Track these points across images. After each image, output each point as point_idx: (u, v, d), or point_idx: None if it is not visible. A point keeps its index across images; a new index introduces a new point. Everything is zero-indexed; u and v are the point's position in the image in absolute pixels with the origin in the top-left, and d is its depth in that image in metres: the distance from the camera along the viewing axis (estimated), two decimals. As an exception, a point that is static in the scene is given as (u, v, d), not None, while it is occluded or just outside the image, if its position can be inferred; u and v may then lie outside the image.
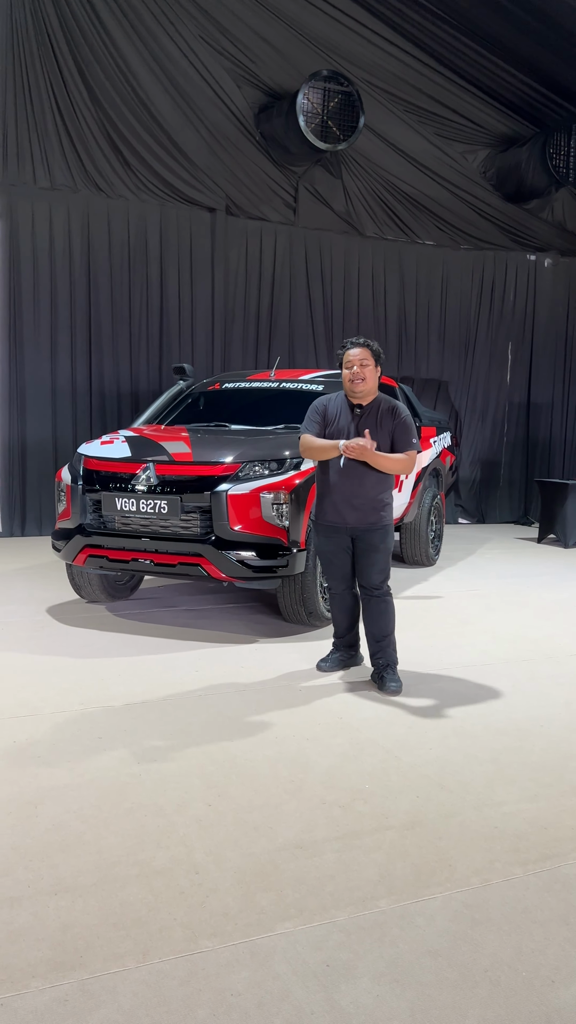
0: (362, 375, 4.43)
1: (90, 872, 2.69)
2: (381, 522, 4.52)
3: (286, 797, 3.24)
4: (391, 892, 2.62)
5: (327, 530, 4.62)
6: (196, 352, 10.46)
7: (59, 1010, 2.08)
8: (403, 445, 4.49)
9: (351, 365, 4.44)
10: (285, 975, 2.23)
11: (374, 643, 4.64)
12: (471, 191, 11.71)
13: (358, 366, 4.42)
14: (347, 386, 4.50)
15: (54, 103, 9.38)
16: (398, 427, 4.49)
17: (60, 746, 3.69)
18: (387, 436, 4.48)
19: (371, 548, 4.53)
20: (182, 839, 2.91)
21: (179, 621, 5.96)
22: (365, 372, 4.43)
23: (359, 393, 4.47)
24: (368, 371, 4.44)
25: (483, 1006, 2.13)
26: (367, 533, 4.51)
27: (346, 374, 4.47)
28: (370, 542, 4.52)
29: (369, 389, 4.48)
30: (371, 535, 4.51)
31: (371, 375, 4.45)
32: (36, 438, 9.72)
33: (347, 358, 4.47)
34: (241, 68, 10.19)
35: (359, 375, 4.43)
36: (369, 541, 4.52)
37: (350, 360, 4.45)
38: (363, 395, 4.49)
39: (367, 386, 4.46)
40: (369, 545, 4.53)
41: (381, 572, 4.57)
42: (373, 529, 4.51)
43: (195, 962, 2.27)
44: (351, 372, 4.44)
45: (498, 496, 12.55)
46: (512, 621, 6.24)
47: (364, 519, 4.49)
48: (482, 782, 3.42)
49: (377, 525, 4.51)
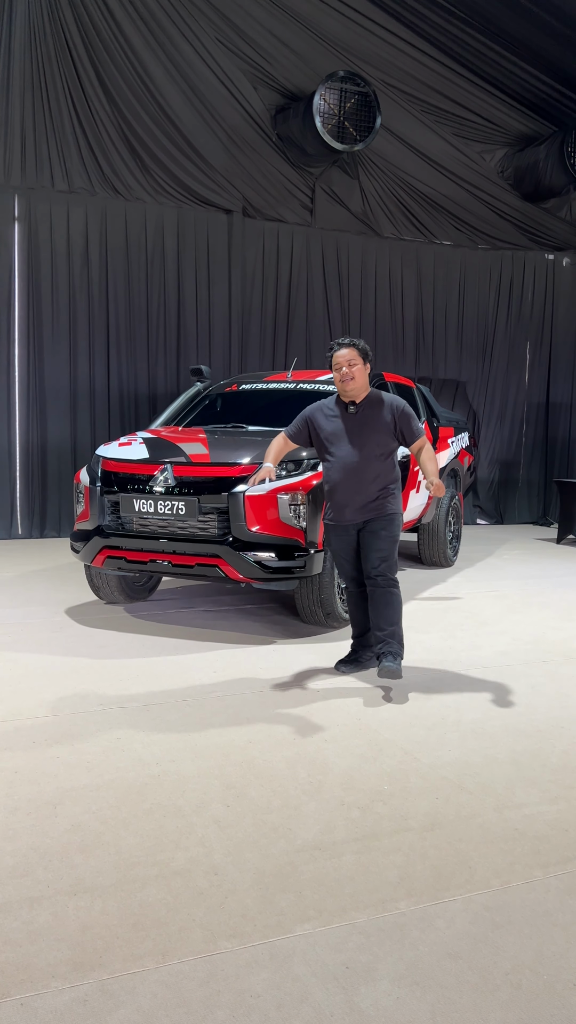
0: (351, 374, 4.49)
1: (109, 872, 2.69)
2: (384, 511, 4.58)
3: (305, 798, 3.23)
4: (411, 894, 2.60)
5: (335, 529, 4.69)
6: (213, 354, 10.49)
7: (79, 1010, 2.08)
8: (412, 436, 4.58)
9: (340, 366, 4.51)
10: (304, 977, 2.22)
11: (380, 633, 4.62)
12: (488, 191, 11.66)
13: (346, 367, 4.48)
14: (338, 386, 4.57)
15: (72, 106, 9.43)
16: (402, 420, 4.56)
17: (79, 747, 3.70)
18: (389, 431, 4.55)
19: (371, 534, 4.59)
20: (201, 840, 2.90)
21: (197, 622, 5.97)
22: (354, 371, 4.49)
23: (351, 392, 4.54)
24: (357, 370, 4.50)
25: (504, 1009, 2.11)
26: (369, 523, 4.59)
27: (336, 375, 4.54)
28: (371, 529, 4.59)
29: (360, 387, 4.54)
30: (373, 523, 4.58)
31: (360, 373, 4.51)
32: (55, 440, 9.78)
33: (335, 360, 4.53)
34: (257, 69, 10.21)
35: (348, 375, 4.49)
36: (370, 528, 4.59)
37: (338, 362, 4.52)
38: (355, 393, 4.55)
39: (357, 384, 4.52)
40: (370, 532, 4.59)
41: (382, 557, 4.58)
42: (376, 518, 4.57)
43: (214, 963, 2.27)
44: (340, 373, 4.50)
45: (517, 497, 12.49)
46: (531, 622, 6.20)
47: (366, 512, 4.57)
48: (502, 784, 3.40)
49: (381, 514, 4.57)
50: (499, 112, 11.46)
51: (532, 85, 11.11)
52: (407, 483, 7.06)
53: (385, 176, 11.13)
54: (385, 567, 4.59)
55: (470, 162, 11.50)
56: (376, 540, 4.58)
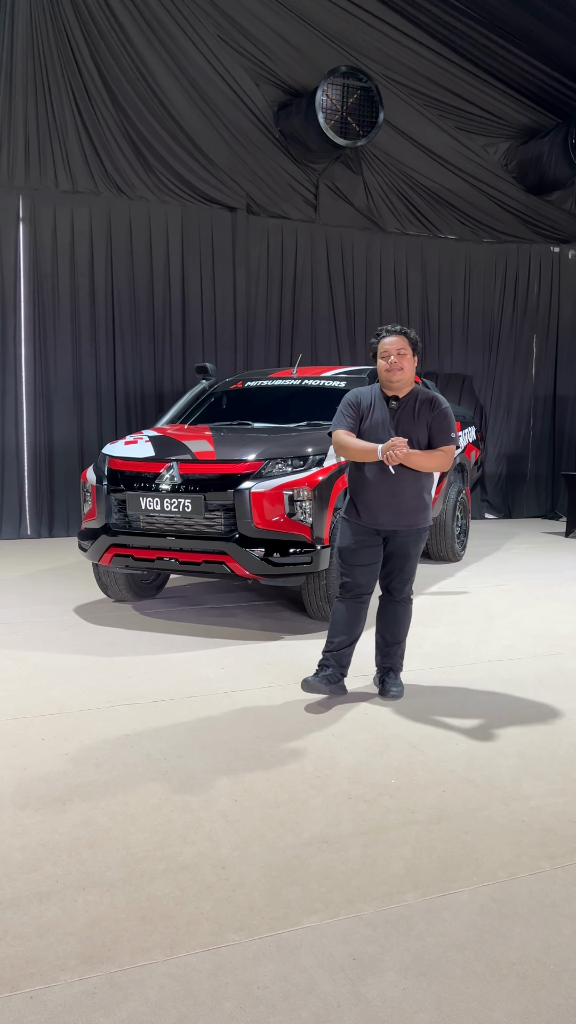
0: (400, 365, 4.08)
1: (117, 867, 2.71)
2: (418, 524, 4.21)
3: (312, 792, 3.25)
4: (417, 886, 2.61)
5: (357, 529, 4.22)
6: (219, 351, 10.50)
7: (87, 1003, 2.10)
8: (441, 439, 4.15)
9: (388, 355, 4.09)
10: (311, 968, 2.23)
11: (385, 647, 4.40)
12: (493, 184, 11.63)
13: (395, 356, 4.08)
14: (383, 377, 4.15)
15: (74, 106, 9.45)
16: (436, 419, 4.15)
17: (87, 744, 3.72)
18: (424, 429, 4.15)
19: (404, 553, 4.24)
20: (208, 834, 2.92)
21: (205, 619, 5.99)
22: (403, 362, 4.09)
23: (396, 384, 4.13)
24: (406, 361, 4.10)
25: (510, 999, 2.12)
26: (403, 536, 4.20)
27: (382, 364, 4.12)
28: (404, 546, 4.22)
29: (407, 380, 4.14)
30: (406, 538, 4.20)
31: (409, 365, 4.12)
32: (62, 440, 9.81)
33: (383, 347, 4.12)
34: (259, 66, 10.20)
35: (397, 365, 4.08)
36: (403, 545, 4.22)
37: (386, 349, 4.10)
38: (400, 386, 4.15)
39: (405, 376, 4.12)
40: (402, 549, 4.23)
41: (410, 579, 4.33)
42: (409, 532, 4.20)
43: (222, 955, 2.28)
44: (388, 363, 4.09)
45: (525, 491, 12.46)
46: (539, 616, 6.19)
47: (400, 521, 4.15)
48: (509, 776, 3.41)
49: (414, 527, 4.20)
50: (502, 105, 11.42)
51: (535, 77, 11.07)
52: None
53: (388, 171, 11.11)
54: (409, 587, 4.35)
55: (474, 156, 11.46)
56: (408, 561, 4.26)
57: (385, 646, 4.44)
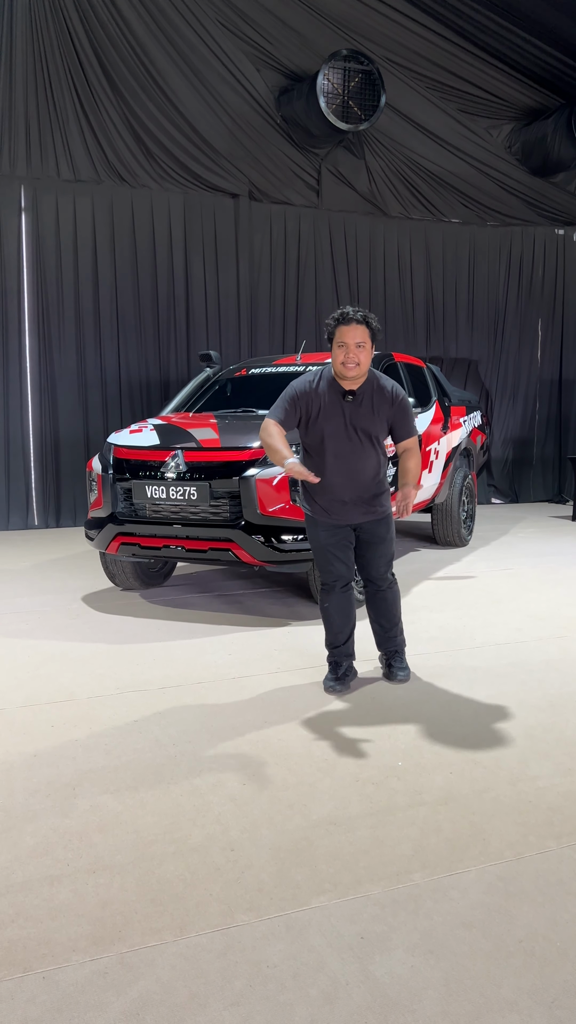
0: (357, 359, 3.80)
1: (127, 851, 2.74)
2: (382, 511, 4.11)
3: (319, 775, 3.27)
4: (425, 866, 2.63)
5: (325, 526, 4.12)
6: (223, 339, 10.49)
7: (99, 982, 2.13)
8: (405, 433, 4.04)
9: (346, 346, 3.79)
10: (320, 947, 2.26)
11: (383, 632, 4.35)
12: (496, 166, 11.55)
13: (353, 349, 3.79)
14: (337, 368, 3.85)
15: (75, 95, 9.41)
16: (397, 414, 3.99)
17: (97, 730, 3.75)
18: (383, 423, 3.98)
19: (377, 539, 4.14)
20: (217, 817, 2.94)
21: (212, 606, 6.01)
22: (360, 356, 3.80)
23: (352, 378, 3.87)
24: (364, 354, 3.81)
25: (517, 976, 2.14)
26: (372, 525, 4.12)
27: (338, 354, 3.81)
28: (375, 533, 4.13)
29: (363, 373, 3.88)
30: (375, 526, 4.12)
31: (366, 358, 3.82)
32: (68, 430, 9.83)
33: (341, 337, 3.80)
34: (260, 51, 10.13)
35: (353, 359, 3.79)
36: (374, 532, 4.13)
37: (344, 340, 3.79)
38: (356, 380, 3.89)
39: (361, 371, 3.85)
40: (375, 536, 4.13)
41: (388, 563, 4.23)
42: (377, 520, 4.11)
43: (231, 935, 2.31)
44: (344, 355, 3.79)
45: (531, 475, 12.43)
46: (546, 599, 6.19)
47: (365, 513, 4.07)
48: (516, 757, 3.42)
49: (381, 516, 4.11)
50: (505, 86, 11.32)
51: (538, 58, 10.96)
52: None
53: (391, 155, 11.05)
54: (389, 571, 4.25)
55: (477, 138, 11.38)
56: (382, 545, 4.15)
57: (384, 632, 4.38)
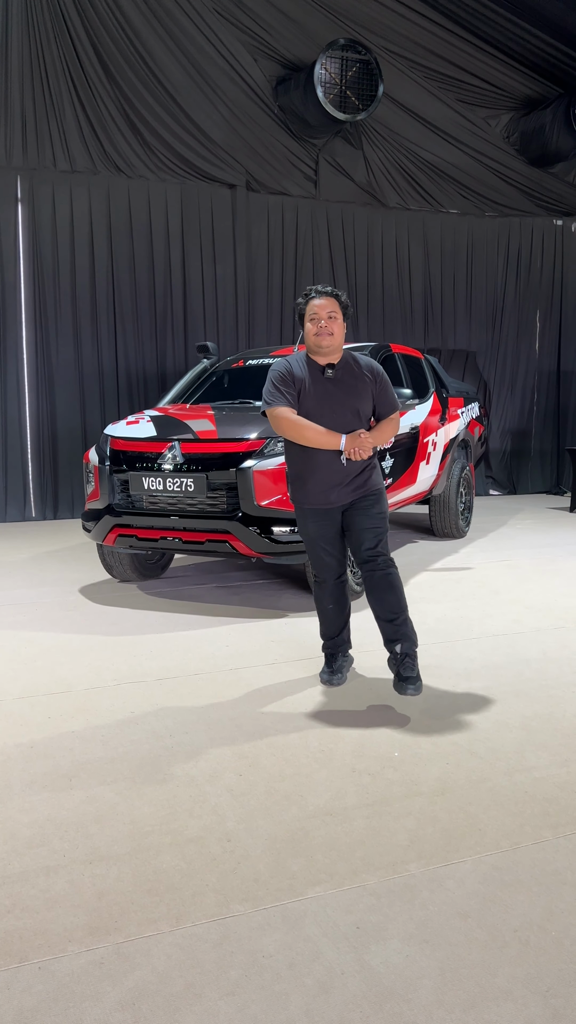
0: (330, 329, 3.85)
1: (124, 841, 2.74)
2: (370, 487, 4.02)
3: (316, 766, 3.27)
4: (421, 856, 2.64)
5: (314, 514, 4.06)
6: (221, 330, 10.46)
7: (95, 972, 2.13)
8: (389, 408, 4.03)
9: (317, 318, 3.85)
10: (316, 937, 2.26)
11: (388, 625, 3.99)
12: (495, 157, 11.51)
13: (325, 320, 3.84)
14: (311, 341, 3.89)
15: (71, 85, 9.37)
16: (380, 389, 4.00)
17: (94, 721, 3.75)
18: (366, 399, 3.97)
19: (361, 512, 4.00)
20: (214, 808, 2.95)
21: (210, 598, 6.01)
22: (333, 326, 3.85)
23: (326, 350, 3.89)
24: (336, 325, 3.87)
25: (512, 965, 2.15)
26: (355, 502, 4.02)
27: (310, 328, 3.87)
28: (359, 507, 4.00)
29: (336, 346, 3.91)
30: (359, 502, 4.01)
31: (339, 330, 3.88)
32: (65, 422, 9.81)
33: (311, 310, 3.88)
34: (257, 41, 10.08)
35: (327, 329, 3.84)
36: (358, 507, 4.01)
37: (316, 312, 3.85)
38: (330, 352, 3.91)
39: (335, 342, 3.89)
40: (359, 510, 4.00)
41: (377, 535, 3.99)
42: (362, 497, 4.01)
43: (227, 926, 2.31)
44: (317, 327, 3.84)
45: (529, 466, 12.42)
46: (544, 590, 6.20)
47: (352, 492, 4.00)
48: (513, 748, 3.42)
49: (368, 491, 4.01)
50: (503, 76, 11.28)
51: (536, 47, 10.92)
52: (416, 455, 7.06)
53: (389, 145, 11.00)
54: (382, 546, 4.00)
55: (475, 128, 11.34)
56: (367, 518, 3.99)
57: (388, 622, 4.00)
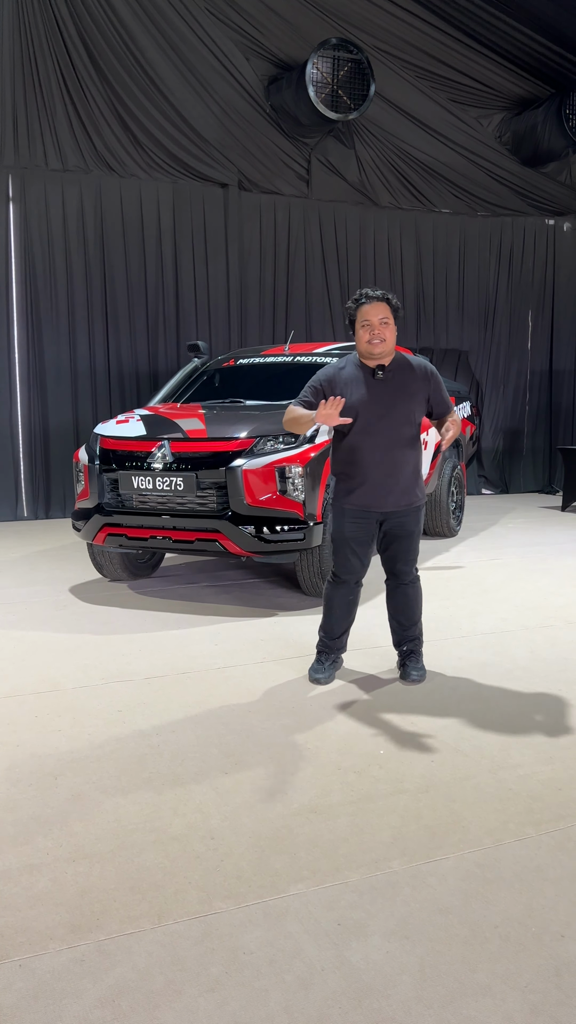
0: (382, 335, 3.85)
1: (108, 839, 2.74)
2: (416, 502, 4.07)
3: (302, 764, 3.28)
4: (404, 853, 2.65)
5: (355, 515, 4.04)
6: (213, 329, 10.46)
7: (76, 969, 2.13)
8: (444, 408, 4.06)
9: (369, 324, 3.85)
10: (297, 934, 2.27)
11: (402, 630, 4.24)
12: (487, 156, 11.53)
13: (378, 326, 3.84)
14: (363, 348, 3.90)
15: (62, 83, 9.35)
16: (435, 390, 4.01)
17: (81, 720, 3.75)
18: (420, 401, 3.98)
19: (406, 533, 4.07)
20: (199, 806, 2.95)
21: (200, 597, 6.01)
22: (385, 332, 3.86)
23: (379, 355, 3.90)
24: (388, 330, 3.87)
25: (492, 960, 2.16)
26: (402, 516, 4.04)
27: (362, 334, 3.88)
28: (405, 526, 4.06)
29: (389, 350, 3.93)
30: (406, 518, 4.05)
31: (391, 335, 3.89)
32: (57, 421, 9.80)
33: (363, 315, 3.87)
34: (249, 40, 10.08)
35: (379, 335, 3.84)
36: (404, 525, 4.05)
37: (367, 318, 3.85)
38: (382, 357, 3.93)
39: (387, 347, 3.89)
40: (404, 530, 4.06)
41: (415, 557, 4.16)
42: (409, 511, 4.05)
43: (209, 923, 2.32)
44: (370, 333, 3.85)
45: (522, 465, 12.45)
46: (534, 588, 6.21)
47: (398, 501, 4.00)
48: (498, 746, 3.44)
49: (413, 506, 4.06)
50: (495, 76, 11.29)
51: (528, 47, 10.94)
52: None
53: (381, 144, 11.01)
54: (413, 563, 4.17)
55: (467, 128, 11.36)
56: (411, 540, 4.09)
57: (402, 630, 4.27)
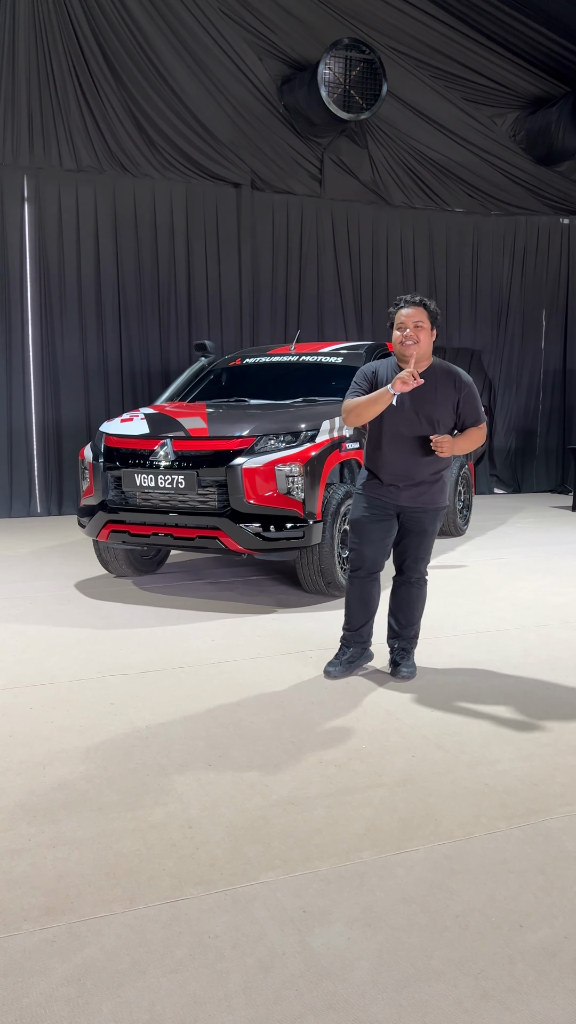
0: (415, 337, 3.91)
1: (89, 827, 2.82)
2: (436, 503, 4.13)
3: (285, 757, 3.34)
4: (375, 844, 2.71)
5: (373, 503, 4.13)
6: (225, 328, 10.55)
7: (46, 949, 2.22)
8: (473, 419, 4.10)
9: (403, 327, 3.94)
10: (263, 920, 2.34)
11: (399, 628, 4.31)
12: (500, 155, 11.53)
13: (411, 328, 3.92)
14: (398, 350, 3.99)
15: (77, 84, 9.47)
16: (466, 399, 4.07)
17: (74, 712, 3.84)
18: (448, 409, 4.05)
19: (420, 531, 4.15)
20: (180, 796, 3.03)
21: (201, 593, 6.09)
22: (419, 335, 3.92)
23: (411, 358, 3.93)
24: (423, 333, 3.93)
25: (449, 948, 2.21)
26: (420, 514, 4.11)
27: (397, 336, 3.97)
28: (421, 524, 4.13)
29: (423, 353, 3.97)
30: (423, 516, 4.12)
31: (425, 338, 3.95)
32: (70, 419, 9.93)
33: (399, 319, 3.95)
34: (262, 40, 10.15)
35: (412, 337, 3.91)
36: (420, 523, 4.13)
37: (402, 321, 3.94)
38: (416, 360, 3.95)
39: (421, 350, 3.94)
40: (419, 528, 4.14)
41: (425, 557, 4.23)
42: (426, 510, 4.12)
43: (179, 908, 2.39)
44: (403, 335, 3.93)
45: (534, 465, 12.44)
46: (534, 588, 6.24)
47: (418, 498, 4.08)
48: (479, 742, 3.48)
49: (431, 505, 4.12)
50: (509, 74, 11.29)
51: (542, 45, 10.92)
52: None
53: (394, 144, 11.04)
54: (423, 565, 4.24)
55: (481, 127, 11.36)
56: (424, 539, 4.16)
57: (399, 628, 4.32)
